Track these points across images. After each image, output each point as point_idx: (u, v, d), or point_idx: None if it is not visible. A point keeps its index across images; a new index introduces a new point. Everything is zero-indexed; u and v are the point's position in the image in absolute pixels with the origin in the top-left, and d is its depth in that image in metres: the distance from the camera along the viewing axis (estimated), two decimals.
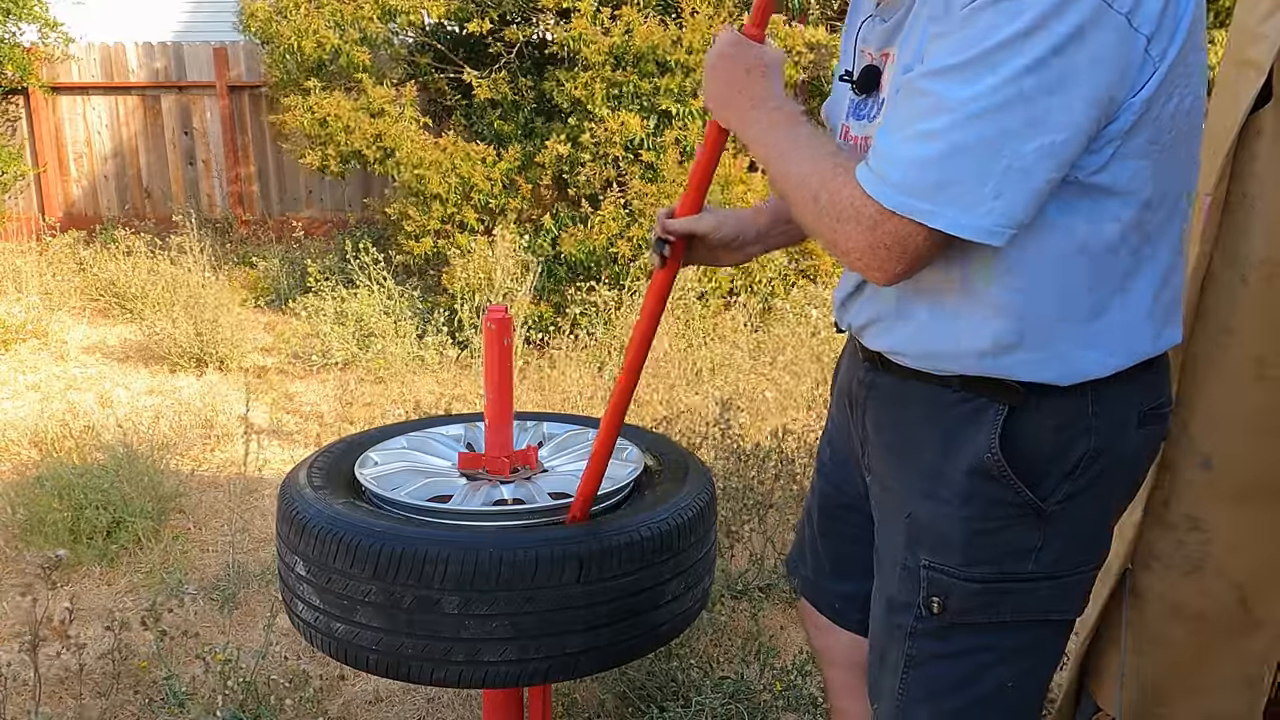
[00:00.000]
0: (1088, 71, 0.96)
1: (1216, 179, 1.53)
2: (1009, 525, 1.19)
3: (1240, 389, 1.58)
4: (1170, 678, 1.76)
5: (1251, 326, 1.55)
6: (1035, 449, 1.16)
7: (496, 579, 1.51)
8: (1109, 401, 1.16)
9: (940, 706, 1.27)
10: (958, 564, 1.21)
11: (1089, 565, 1.24)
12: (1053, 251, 1.09)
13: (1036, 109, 0.97)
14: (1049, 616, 1.23)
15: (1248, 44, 1.48)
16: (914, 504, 1.25)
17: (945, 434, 1.21)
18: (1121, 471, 1.22)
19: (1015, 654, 1.24)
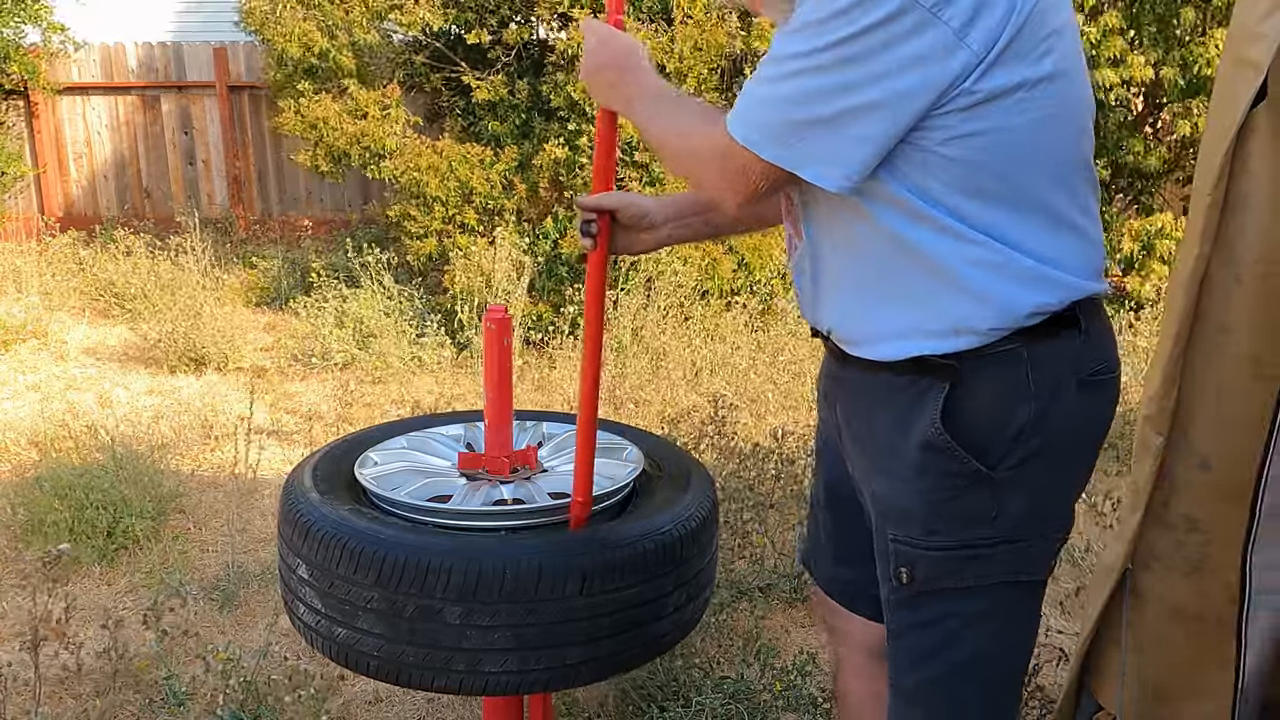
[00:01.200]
0: (886, 54, 1.12)
1: (1215, 179, 1.53)
2: (962, 494, 1.27)
3: (1238, 389, 1.58)
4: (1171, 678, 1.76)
5: (1247, 326, 1.55)
6: (977, 420, 1.25)
7: (499, 591, 1.50)
8: (1043, 369, 1.25)
9: (922, 675, 1.35)
10: (919, 535, 1.30)
11: (1050, 530, 1.32)
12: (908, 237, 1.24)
13: (840, 77, 1.14)
14: (1012, 579, 1.30)
15: (1246, 43, 1.48)
16: (875, 483, 1.36)
17: (896, 416, 1.30)
18: (1070, 436, 1.29)
19: (984, 617, 1.31)
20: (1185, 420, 1.64)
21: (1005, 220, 1.22)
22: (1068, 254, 1.27)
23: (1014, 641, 1.36)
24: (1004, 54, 1.14)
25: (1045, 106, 1.20)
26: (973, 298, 1.23)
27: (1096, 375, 1.31)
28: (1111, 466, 4.01)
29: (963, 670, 1.33)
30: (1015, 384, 1.25)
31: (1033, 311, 1.24)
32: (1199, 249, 1.57)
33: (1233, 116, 1.50)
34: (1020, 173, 1.21)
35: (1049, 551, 1.33)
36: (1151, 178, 5.89)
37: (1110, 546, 1.83)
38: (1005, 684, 1.38)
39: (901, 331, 1.28)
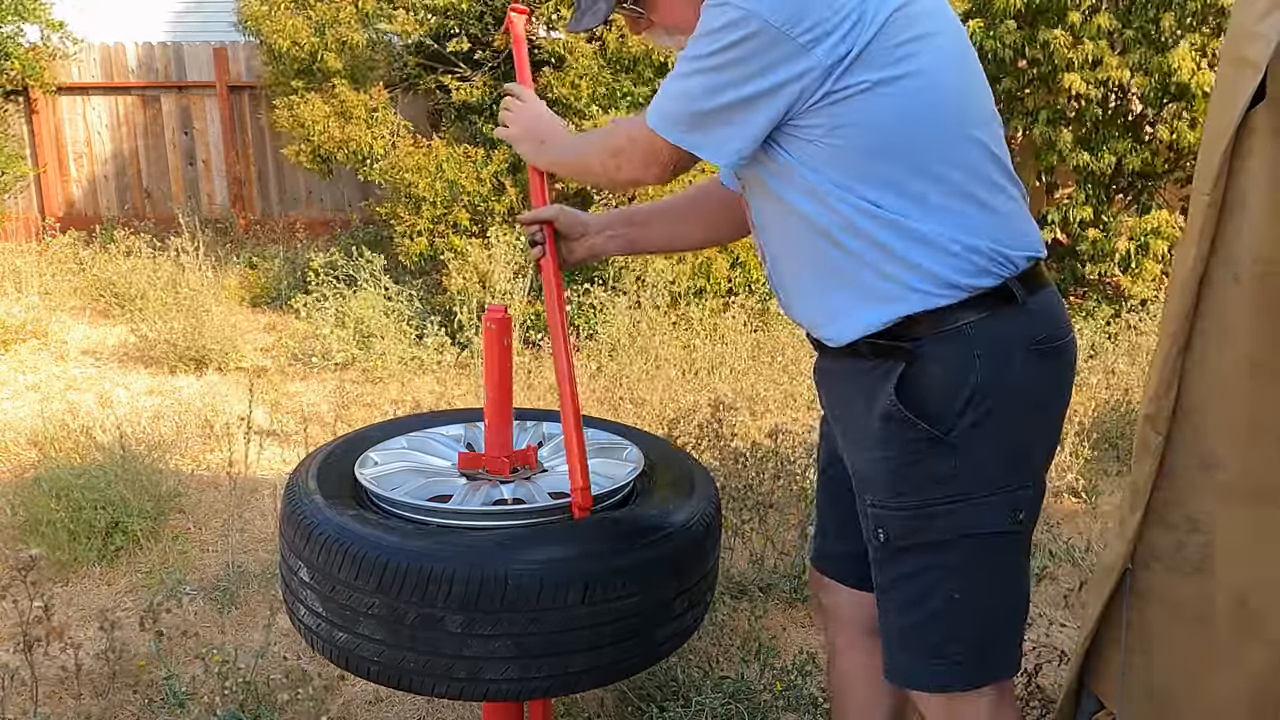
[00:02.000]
0: (749, 63, 1.37)
1: (1214, 179, 1.53)
2: (922, 459, 1.43)
3: (1237, 389, 1.58)
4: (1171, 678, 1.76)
5: (1246, 326, 1.55)
6: (930, 392, 1.41)
7: (501, 600, 1.50)
8: (987, 342, 1.41)
9: (907, 621, 1.50)
10: (888, 498, 1.47)
11: (1007, 486, 1.45)
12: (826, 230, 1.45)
13: (716, 79, 1.40)
14: (975, 531, 1.45)
15: (1245, 43, 1.48)
16: (853, 457, 1.55)
17: (864, 396, 1.48)
18: (1019, 400, 1.44)
19: (955, 569, 1.46)
20: (1186, 420, 1.64)
21: (909, 202, 1.40)
22: (978, 229, 1.42)
23: (989, 590, 1.48)
24: (857, 60, 1.36)
25: (911, 98, 1.39)
26: (896, 275, 1.41)
27: (1043, 344, 1.45)
28: (1112, 466, 4.01)
29: (943, 616, 1.47)
30: (962, 358, 1.41)
31: (952, 284, 1.40)
32: (1197, 248, 1.57)
33: (1230, 116, 1.50)
34: (904, 155, 1.40)
35: (1011, 506, 1.46)
36: (1150, 178, 5.89)
37: (1110, 546, 1.83)
38: (986, 629, 1.49)
39: (846, 311, 1.47)
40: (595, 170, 1.68)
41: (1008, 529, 1.46)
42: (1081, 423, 4.29)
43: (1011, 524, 1.46)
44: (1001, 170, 1.48)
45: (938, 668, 1.49)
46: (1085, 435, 4.11)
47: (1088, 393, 4.72)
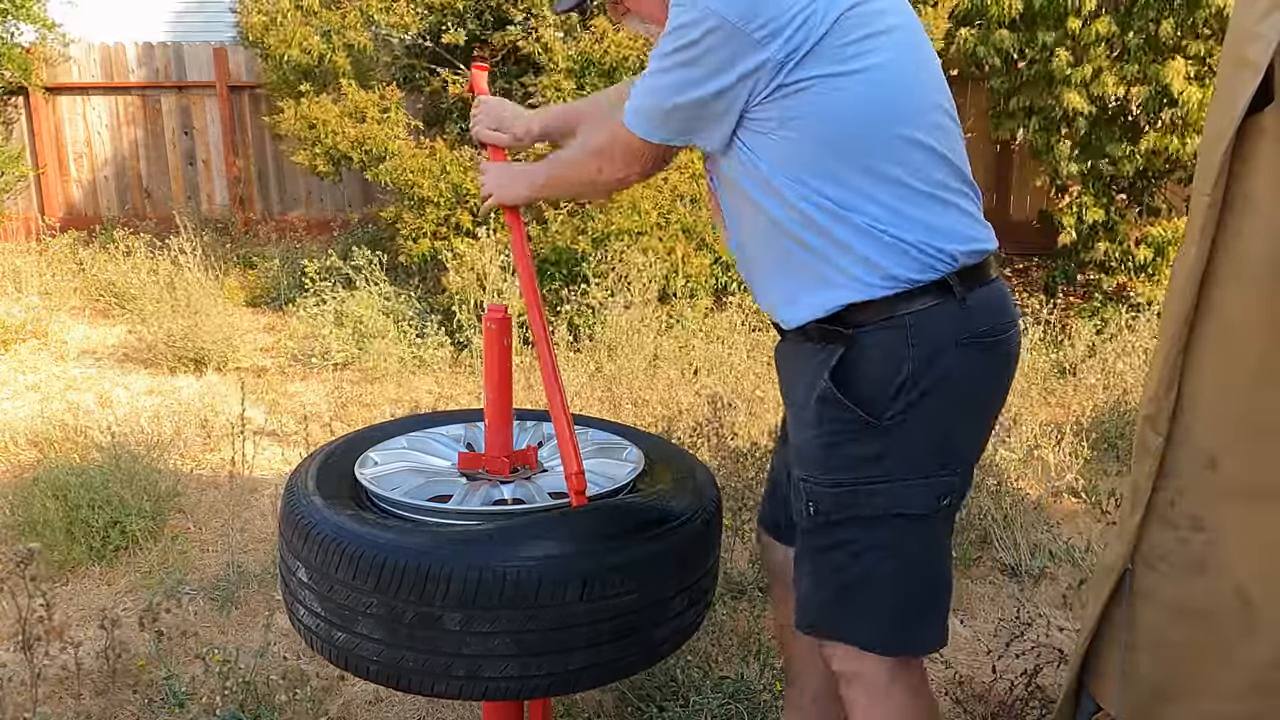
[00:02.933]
0: (709, 58, 1.47)
1: (1214, 179, 1.53)
2: (853, 440, 1.51)
3: (1243, 388, 1.58)
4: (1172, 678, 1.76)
5: (1255, 326, 1.55)
6: (865, 378, 1.50)
7: (499, 597, 1.50)
8: (923, 334, 1.48)
9: (831, 587, 1.59)
10: (820, 474, 1.56)
11: (935, 472, 1.53)
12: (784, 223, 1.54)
13: (683, 75, 1.50)
14: (899, 511, 1.53)
15: (1245, 43, 1.48)
16: (793, 433, 1.63)
17: (806, 378, 1.57)
18: (950, 389, 1.50)
19: (877, 545, 1.55)
20: (1190, 420, 1.64)
21: (852, 194, 1.48)
22: (911, 225, 1.49)
23: (911, 566, 1.57)
24: (808, 55, 1.44)
25: (861, 93, 1.46)
26: (841, 264, 1.50)
27: (981, 337, 1.52)
28: (1112, 466, 4.01)
29: (867, 583, 1.56)
30: (898, 347, 1.48)
31: (892, 275, 1.48)
32: (1198, 248, 1.57)
33: (1231, 116, 1.50)
34: (848, 149, 1.47)
35: (937, 491, 1.54)
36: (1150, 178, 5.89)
37: (1110, 546, 1.83)
38: (905, 602, 1.57)
39: (799, 295, 1.56)
40: (584, 176, 1.74)
41: (932, 512, 1.55)
42: (1081, 423, 4.29)
43: (936, 507, 1.55)
44: (948, 169, 1.54)
45: (859, 628, 1.58)
46: (1085, 435, 4.11)
47: (1087, 393, 4.73)
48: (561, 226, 5.46)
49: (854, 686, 1.63)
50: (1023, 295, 6.70)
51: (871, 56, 1.47)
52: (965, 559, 3.19)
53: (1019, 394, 4.49)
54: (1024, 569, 3.15)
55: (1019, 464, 3.76)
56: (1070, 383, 4.90)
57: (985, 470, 3.48)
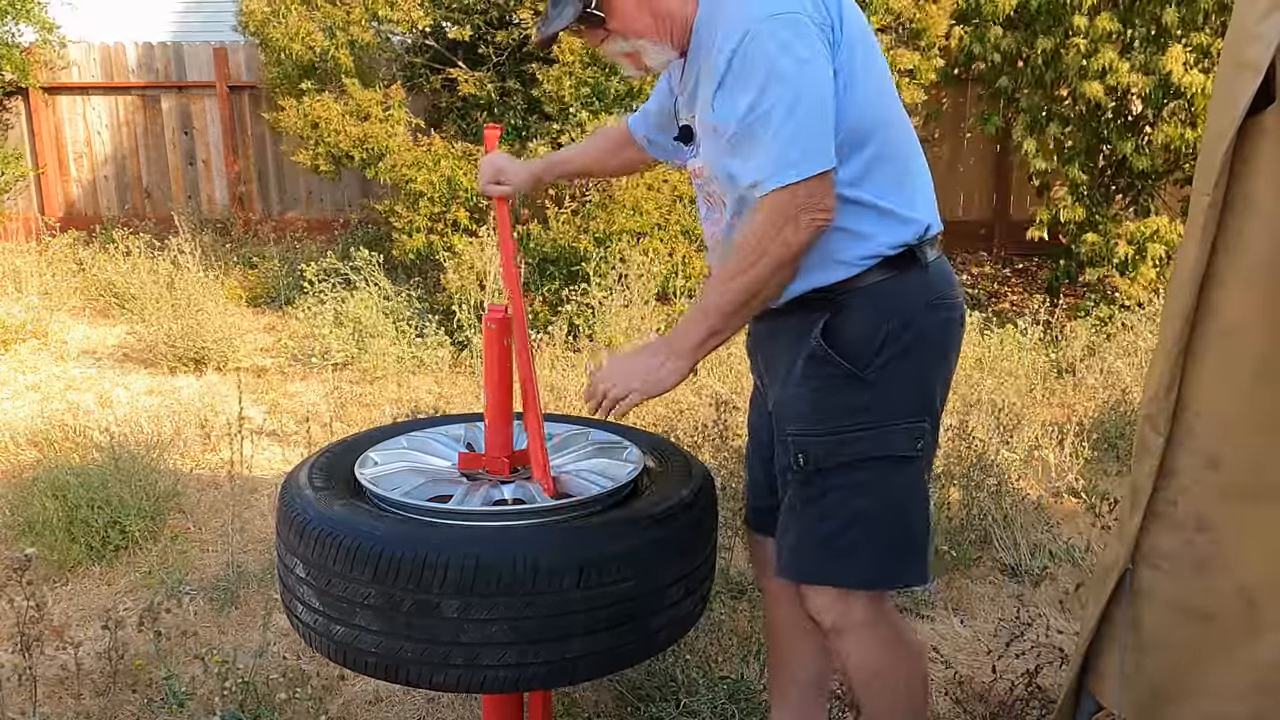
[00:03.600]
0: (813, 50, 1.52)
1: (1215, 179, 1.53)
2: (840, 391, 1.66)
3: (1246, 389, 1.58)
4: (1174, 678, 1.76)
5: (1256, 326, 1.55)
6: (849, 336, 1.64)
7: (496, 584, 1.50)
8: (898, 296, 1.65)
9: (819, 533, 1.70)
10: (810, 424, 1.69)
11: (909, 418, 1.68)
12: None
13: (811, 92, 1.52)
14: (882, 454, 1.67)
15: (1245, 44, 1.48)
16: (778, 395, 1.75)
17: (792, 342, 1.70)
18: (923, 345, 1.68)
19: (865, 486, 1.68)
20: (1191, 419, 1.64)
21: (866, 174, 1.62)
22: (908, 200, 1.67)
23: (892, 505, 1.70)
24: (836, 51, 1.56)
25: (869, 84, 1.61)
26: (846, 236, 1.62)
27: (940, 300, 1.70)
28: (1112, 466, 4.01)
29: (854, 524, 1.68)
30: (878, 308, 1.65)
31: (892, 243, 1.64)
32: (1198, 248, 1.57)
33: (1231, 116, 1.50)
34: (862, 136, 1.60)
35: (913, 435, 1.69)
36: (1149, 178, 5.89)
37: (1110, 546, 1.83)
38: (888, 539, 1.70)
39: (806, 284, 1.65)
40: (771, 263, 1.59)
41: (910, 454, 1.69)
42: (1081, 423, 4.29)
43: (913, 450, 1.69)
44: (915, 148, 1.73)
45: (845, 567, 1.70)
46: (1085, 435, 4.11)
47: (1086, 393, 4.73)
48: (564, 226, 5.46)
49: (844, 635, 1.74)
50: (1023, 295, 6.70)
51: (864, 50, 1.61)
52: (965, 559, 3.19)
53: (1019, 394, 4.49)
54: (1024, 569, 3.15)
55: (1019, 464, 3.76)
56: (1070, 383, 4.91)
57: (985, 470, 3.48)
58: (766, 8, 1.52)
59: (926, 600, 2.99)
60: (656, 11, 1.63)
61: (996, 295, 6.80)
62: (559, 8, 1.64)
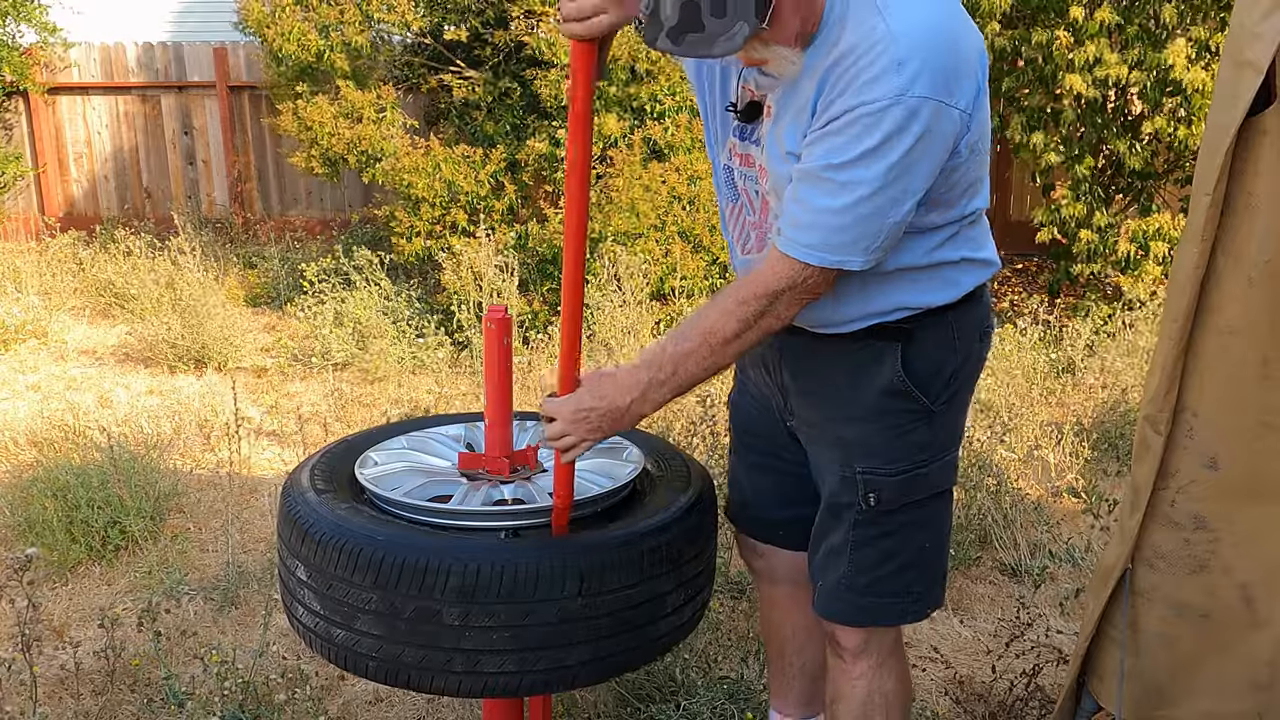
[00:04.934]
0: (929, 156, 1.39)
1: (1215, 178, 1.53)
2: (914, 429, 1.62)
3: (1246, 389, 1.58)
4: (1173, 677, 1.76)
5: (1257, 327, 1.55)
6: (923, 369, 1.59)
7: (498, 592, 1.50)
8: (962, 328, 1.62)
9: (881, 572, 1.67)
10: (883, 464, 1.62)
11: (956, 447, 1.70)
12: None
13: (898, 189, 1.39)
14: (940, 489, 1.68)
15: (1246, 44, 1.49)
16: (841, 429, 1.66)
17: (854, 371, 1.62)
18: (974, 375, 1.69)
19: (925, 523, 1.68)
20: (1191, 419, 1.64)
21: (971, 229, 1.58)
22: (989, 242, 1.65)
23: (941, 538, 1.73)
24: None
25: (971, 140, 1.50)
26: (941, 284, 1.58)
27: (988, 330, 1.69)
28: (1111, 466, 4.01)
29: (908, 564, 1.68)
30: (947, 340, 1.61)
31: (974, 284, 1.62)
32: (1199, 247, 1.57)
33: (1232, 116, 1.50)
34: (958, 191, 1.52)
35: (955, 464, 1.71)
36: (1149, 178, 5.89)
37: (1110, 546, 1.84)
38: (936, 569, 1.74)
39: (861, 317, 1.58)
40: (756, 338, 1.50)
41: (951, 485, 1.71)
42: (1081, 423, 4.29)
43: (954, 480, 1.72)
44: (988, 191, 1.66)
45: (901, 604, 1.70)
46: (1085, 435, 4.10)
47: (1086, 393, 4.72)
48: (560, 227, 5.46)
49: (862, 659, 1.74)
50: (1023, 295, 6.70)
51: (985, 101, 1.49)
52: (965, 559, 3.19)
53: (1019, 394, 4.49)
54: (1024, 569, 3.15)
55: (1019, 464, 3.76)
56: (1070, 382, 4.90)
57: (985, 470, 3.48)
58: (928, 84, 1.32)
59: None
60: (806, 12, 1.38)
61: (996, 295, 6.80)
62: (725, 22, 1.29)
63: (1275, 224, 1.51)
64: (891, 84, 1.31)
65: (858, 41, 1.34)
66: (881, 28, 1.33)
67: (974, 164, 1.50)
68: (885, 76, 1.31)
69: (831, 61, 1.37)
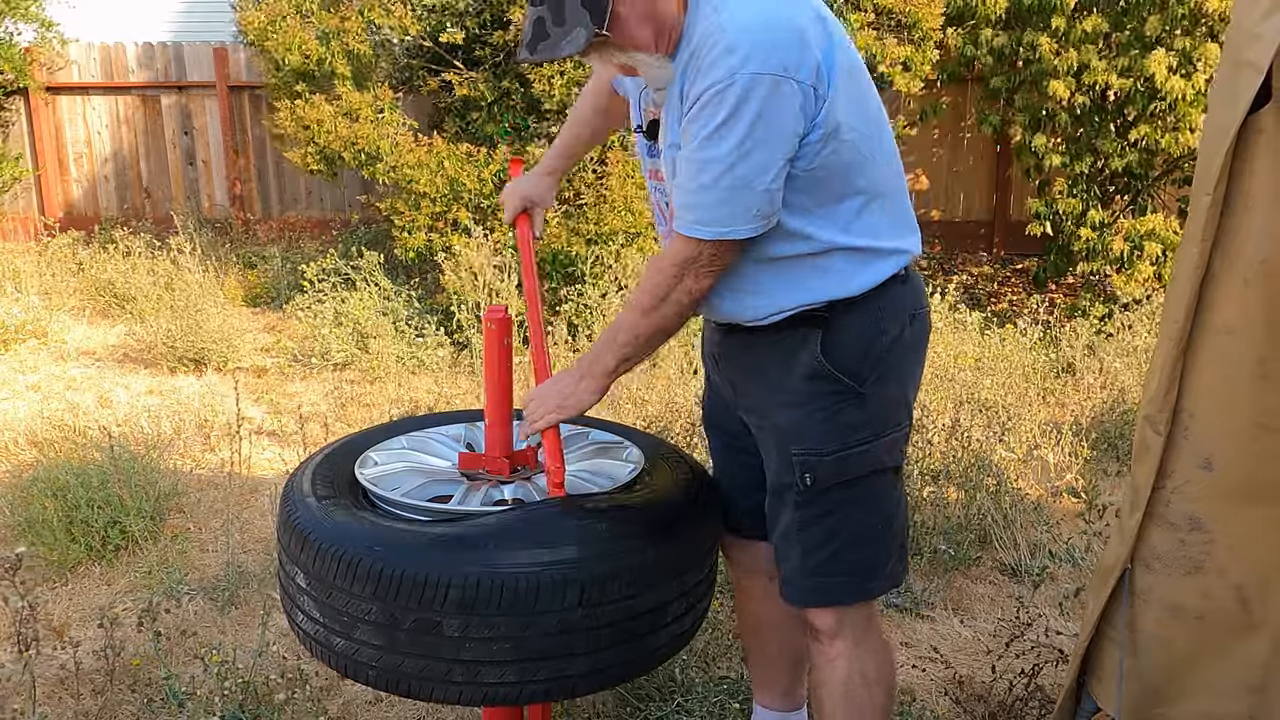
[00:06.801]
0: (777, 125, 1.49)
1: (1215, 178, 1.53)
2: (843, 409, 1.68)
3: (1242, 389, 1.58)
4: (1170, 678, 1.76)
5: (1253, 327, 1.55)
6: (846, 351, 1.67)
7: (498, 604, 1.50)
8: (887, 311, 1.68)
9: (826, 553, 1.74)
10: (815, 445, 1.69)
11: (897, 426, 1.74)
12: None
13: (757, 160, 1.51)
14: (882, 467, 1.73)
15: (1245, 44, 1.49)
16: (775, 415, 1.75)
17: (782, 360, 1.71)
18: (907, 355, 1.74)
19: (866, 500, 1.73)
20: (1188, 420, 1.64)
21: (859, 216, 1.64)
22: (898, 231, 1.70)
23: (889, 515, 1.76)
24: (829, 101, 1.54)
25: (864, 131, 1.62)
26: (838, 275, 1.65)
27: (918, 311, 1.75)
28: (1111, 466, 4.01)
29: (858, 541, 1.74)
30: (870, 324, 1.68)
31: (882, 275, 1.67)
32: (1199, 248, 1.57)
33: (1232, 116, 1.50)
34: (855, 179, 1.62)
35: (899, 442, 1.75)
36: (1142, 179, 5.90)
37: (1110, 547, 1.84)
38: (890, 545, 1.77)
39: (781, 309, 1.68)
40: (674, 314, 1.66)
41: (895, 463, 1.76)
42: (1080, 423, 4.29)
43: (899, 460, 1.76)
44: (903, 177, 1.74)
45: (858, 582, 1.76)
46: (1084, 435, 4.11)
47: (1085, 392, 4.73)
48: (557, 228, 5.46)
49: (837, 639, 1.78)
50: (1022, 295, 6.70)
51: (854, 93, 1.59)
52: (965, 559, 3.19)
53: (1017, 394, 4.49)
54: (1024, 569, 3.15)
55: (1018, 464, 3.76)
56: (1069, 382, 4.91)
57: (984, 470, 3.48)
58: (759, 58, 1.46)
59: (926, 600, 2.99)
60: (657, 22, 1.54)
61: (996, 295, 6.80)
62: (565, 29, 1.50)
63: (1270, 224, 1.51)
64: (725, 66, 1.46)
65: (702, 37, 1.51)
66: (715, 20, 1.50)
67: (850, 148, 1.58)
68: (720, 61, 1.47)
69: (687, 57, 1.55)
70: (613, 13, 1.50)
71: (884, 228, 1.67)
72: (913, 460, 3.43)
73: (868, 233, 1.65)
